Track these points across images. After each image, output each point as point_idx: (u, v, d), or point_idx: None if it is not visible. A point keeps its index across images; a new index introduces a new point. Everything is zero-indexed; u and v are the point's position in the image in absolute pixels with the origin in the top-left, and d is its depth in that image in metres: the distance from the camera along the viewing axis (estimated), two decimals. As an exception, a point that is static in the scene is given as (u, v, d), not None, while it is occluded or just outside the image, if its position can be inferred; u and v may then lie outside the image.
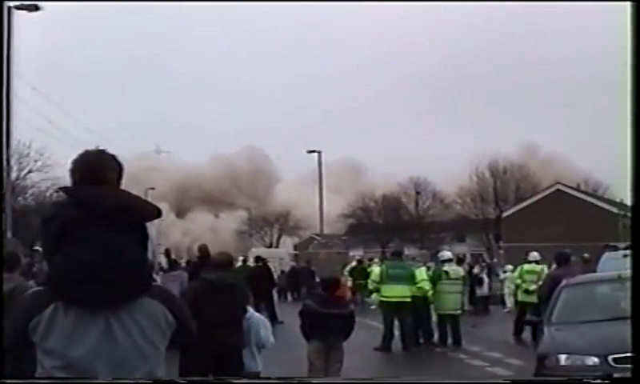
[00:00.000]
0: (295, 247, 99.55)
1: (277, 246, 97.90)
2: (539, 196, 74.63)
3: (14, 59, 42.24)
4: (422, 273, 23.71)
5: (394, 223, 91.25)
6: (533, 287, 25.36)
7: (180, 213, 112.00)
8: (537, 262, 27.57)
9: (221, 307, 10.64)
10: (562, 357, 12.27)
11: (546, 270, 26.08)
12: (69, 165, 4.53)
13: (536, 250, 28.11)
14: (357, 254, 77.65)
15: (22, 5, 38.62)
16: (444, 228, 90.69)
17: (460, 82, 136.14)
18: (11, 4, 39.41)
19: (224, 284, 10.85)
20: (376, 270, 25.26)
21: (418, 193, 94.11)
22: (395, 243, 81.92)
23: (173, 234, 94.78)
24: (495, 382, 12.36)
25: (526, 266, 27.46)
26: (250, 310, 11.70)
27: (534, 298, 23.73)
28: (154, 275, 23.05)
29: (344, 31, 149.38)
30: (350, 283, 42.60)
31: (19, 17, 40.92)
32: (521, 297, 26.64)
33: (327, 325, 13.43)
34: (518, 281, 27.34)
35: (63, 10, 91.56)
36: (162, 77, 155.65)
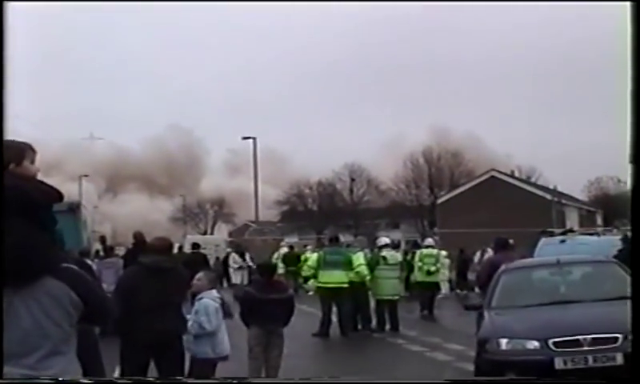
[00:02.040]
0: (230, 234, 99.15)
1: (212, 233, 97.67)
2: (474, 182, 75.19)
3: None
4: (359, 258, 23.63)
5: (328, 210, 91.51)
6: (432, 268, 29.48)
7: (115, 200, 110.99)
8: (432, 247, 31.02)
9: (157, 292, 10.44)
10: (503, 341, 12.28)
11: (442, 254, 32.11)
12: None
13: (470, 236, 29.61)
14: (292, 240, 77.70)
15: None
16: (379, 215, 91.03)
17: (397, 68, 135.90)
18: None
19: (160, 268, 10.64)
20: (313, 256, 25.17)
21: (352, 180, 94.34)
22: (330, 230, 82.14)
23: (109, 221, 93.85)
24: (498, 379, 12.31)
25: (425, 251, 30.62)
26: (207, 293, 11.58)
27: (434, 278, 29.72)
28: (89, 261, 22.87)
29: (272, 19, 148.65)
30: (281, 270, 42.66)
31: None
32: (421, 277, 29.68)
33: (266, 310, 13.34)
34: (419, 264, 29.98)
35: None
36: (91, 66, 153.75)
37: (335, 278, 22.89)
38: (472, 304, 15.66)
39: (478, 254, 38.56)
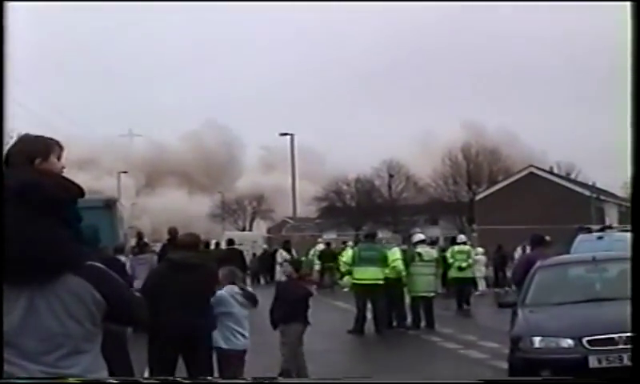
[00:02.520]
0: (268, 230, 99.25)
1: (250, 229, 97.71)
2: (512, 179, 74.54)
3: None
4: (395, 253, 23.52)
5: (367, 206, 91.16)
6: (464, 264, 30.59)
7: (154, 195, 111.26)
8: (464, 243, 32.43)
9: (185, 288, 10.39)
10: (536, 339, 12.13)
11: (473, 251, 32.62)
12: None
13: (508, 233, 29.57)
14: (330, 237, 77.64)
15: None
16: (417, 211, 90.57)
17: (435, 67, 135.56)
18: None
19: (188, 264, 10.60)
20: (348, 252, 25.01)
21: (391, 176, 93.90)
22: (368, 226, 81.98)
23: (148, 217, 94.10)
24: (500, 379, 12.17)
25: (456, 248, 31.88)
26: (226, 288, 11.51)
27: (466, 274, 30.75)
28: (123, 258, 22.90)
29: (308, 16, 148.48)
30: (317, 267, 42.62)
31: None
32: (454, 274, 30.93)
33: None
34: (451, 260, 31.04)
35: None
36: (129, 64, 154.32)
37: (370, 274, 22.72)
38: (506, 301, 15.43)
39: (519, 250, 38.15)
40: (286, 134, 76.73)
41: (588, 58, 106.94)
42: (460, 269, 30.61)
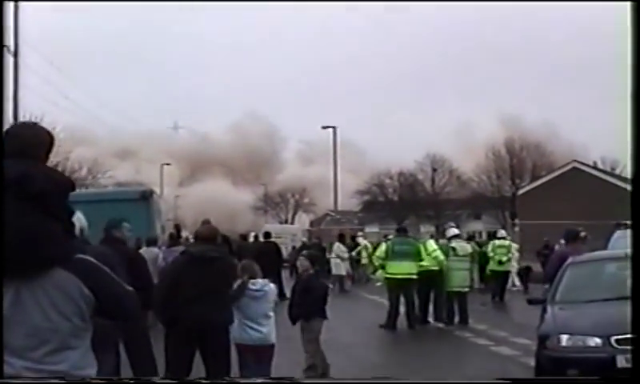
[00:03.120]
0: (311, 223, 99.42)
1: (292, 223, 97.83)
2: (555, 174, 73.77)
3: (25, 35, 42.24)
4: (432, 244, 23.44)
5: (409, 200, 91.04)
6: (504, 258, 31.97)
7: (198, 188, 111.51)
8: (504, 238, 33.61)
9: (203, 281, 10.25)
10: (564, 337, 11.84)
11: (513, 245, 34.06)
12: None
13: (551, 228, 29.67)
14: (372, 230, 77.47)
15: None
16: (460, 205, 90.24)
17: (479, 61, 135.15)
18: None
19: (206, 257, 10.44)
20: (381, 246, 24.77)
21: (434, 170, 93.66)
22: (410, 220, 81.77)
23: (191, 209, 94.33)
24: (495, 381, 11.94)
25: (497, 242, 33.06)
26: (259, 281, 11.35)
27: (505, 267, 32.18)
28: (156, 249, 22.86)
29: (354, 14, 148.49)
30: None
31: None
32: (494, 267, 32.10)
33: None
34: (491, 254, 32.46)
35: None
36: (172, 57, 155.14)
37: (404, 268, 22.49)
38: (535, 298, 15.14)
39: (557, 246, 37.80)
40: (328, 127, 76.71)
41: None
42: (500, 263, 31.93)
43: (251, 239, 40.12)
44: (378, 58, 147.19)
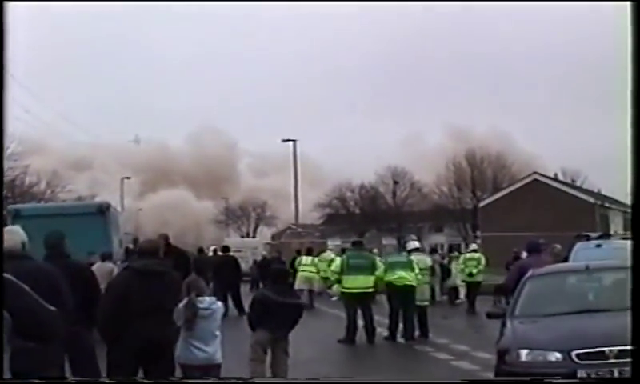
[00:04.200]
0: (273, 237, 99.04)
1: (254, 236, 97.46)
2: (516, 185, 74.15)
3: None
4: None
5: (371, 213, 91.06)
6: (474, 270, 33.25)
7: (158, 202, 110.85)
8: (475, 251, 35.22)
9: (147, 296, 9.86)
10: (523, 352, 11.49)
11: (483, 258, 34.32)
12: None
13: (512, 240, 29.85)
14: (334, 243, 77.28)
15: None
16: (422, 218, 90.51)
17: (436, 71, 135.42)
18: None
19: (151, 272, 10.07)
20: (337, 260, 24.46)
21: (395, 182, 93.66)
22: (372, 233, 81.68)
23: (151, 223, 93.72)
24: (502, 379, 11.68)
25: (468, 255, 35.08)
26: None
27: (476, 278, 33.10)
28: (111, 264, 22.42)
29: (313, 27, 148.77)
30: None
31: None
32: (465, 278, 33.75)
33: (278, 314, 12.93)
34: (462, 266, 34.17)
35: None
36: (127, 69, 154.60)
37: (360, 282, 22.20)
38: (494, 312, 14.79)
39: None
40: (288, 140, 76.46)
41: (595, 62, 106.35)
42: (470, 274, 33.30)
43: (210, 253, 39.74)
44: (338, 71, 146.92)
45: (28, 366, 4.43)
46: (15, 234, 8.61)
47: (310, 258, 35.85)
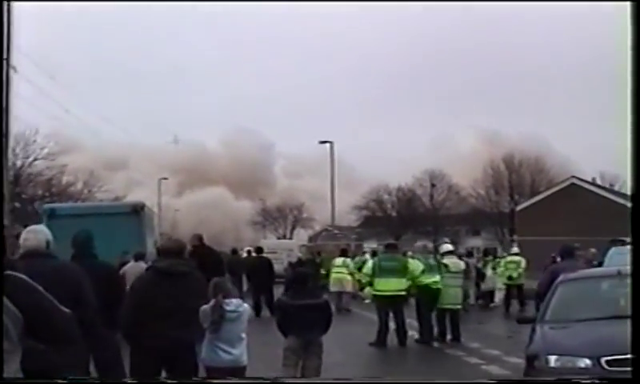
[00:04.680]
0: (310, 239, 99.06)
1: (290, 238, 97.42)
2: (554, 189, 73.60)
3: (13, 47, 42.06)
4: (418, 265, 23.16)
5: (408, 215, 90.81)
6: (515, 274, 33.88)
7: (196, 202, 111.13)
8: (516, 254, 35.84)
9: (170, 296, 9.84)
10: (552, 358, 11.34)
11: (523, 261, 34.76)
12: None
13: (549, 244, 30.09)
14: (370, 246, 77.11)
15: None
16: (459, 221, 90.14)
17: (474, 76, 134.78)
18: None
19: (174, 272, 10.03)
20: (369, 263, 24.39)
21: (433, 185, 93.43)
22: (408, 236, 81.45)
23: (189, 223, 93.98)
24: (498, 380, 11.58)
25: (508, 258, 35.86)
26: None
27: (517, 281, 33.69)
28: (143, 264, 22.41)
29: (347, 27, 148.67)
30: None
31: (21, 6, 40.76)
32: (505, 281, 34.12)
33: (302, 318, 12.79)
34: (502, 269, 34.83)
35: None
36: (168, 71, 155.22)
37: (391, 285, 22.12)
38: (525, 317, 14.70)
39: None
40: (325, 142, 76.41)
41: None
42: (510, 277, 33.91)
43: (244, 254, 39.76)
44: (378, 72, 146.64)
45: (40, 367, 4.39)
46: (40, 232, 8.67)
47: (341, 259, 35.44)
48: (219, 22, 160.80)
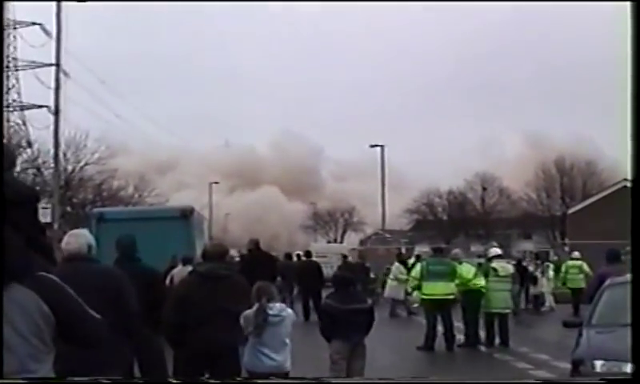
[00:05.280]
0: (361, 242, 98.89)
1: (341, 242, 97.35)
2: (605, 192, 72.82)
3: (63, 50, 42.64)
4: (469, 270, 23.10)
5: (459, 219, 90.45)
6: (577, 277, 34.59)
7: (247, 206, 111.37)
8: (577, 259, 36.21)
9: (212, 300, 9.88)
10: (598, 363, 11.23)
11: (585, 264, 35.12)
12: None
13: (600, 248, 30.11)
14: (422, 249, 76.76)
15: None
16: (510, 224, 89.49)
17: (530, 81, 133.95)
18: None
19: (215, 276, 10.08)
20: (417, 267, 24.33)
21: (484, 189, 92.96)
22: (460, 239, 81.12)
23: (241, 227, 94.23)
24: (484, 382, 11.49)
25: (570, 262, 36.52)
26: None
27: (578, 284, 33.84)
28: (191, 268, 22.51)
29: (396, 30, 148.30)
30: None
31: (70, 7, 41.36)
32: (569, 284, 35.10)
33: (349, 322, 12.84)
34: (563, 274, 35.76)
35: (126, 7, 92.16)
36: (218, 73, 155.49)
37: (439, 289, 22.05)
38: (571, 321, 14.51)
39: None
40: (376, 146, 76.41)
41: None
42: (573, 281, 34.76)
43: (294, 258, 39.80)
44: (429, 77, 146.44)
45: (68, 369, 4.43)
46: (81, 236, 8.73)
47: (395, 265, 35.18)
48: (270, 25, 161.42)
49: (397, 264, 34.94)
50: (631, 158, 3.08)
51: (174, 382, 8.81)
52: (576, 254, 38.12)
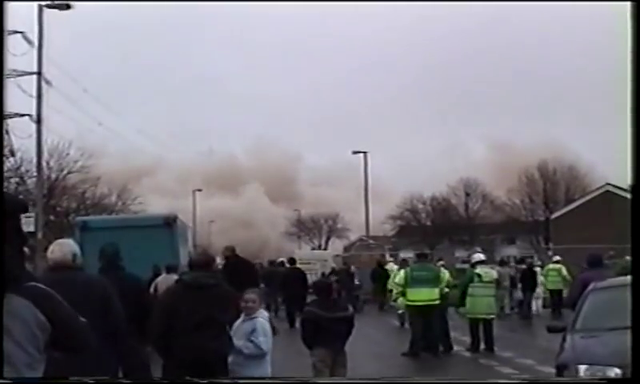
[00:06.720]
0: (345, 249, 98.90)
1: (325, 248, 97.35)
2: (588, 197, 73.09)
3: (45, 58, 42.61)
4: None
5: (443, 225, 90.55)
6: (555, 280, 36.32)
7: (231, 214, 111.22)
8: (557, 262, 37.95)
9: (199, 310, 9.88)
10: (582, 368, 11.23)
11: (564, 268, 36.50)
12: None
13: (584, 252, 30.39)
14: (407, 255, 76.85)
15: (53, 4, 38.68)
16: (494, 230, 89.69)
17: (509, 83, 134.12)
18: (42, 3, 39.55)
19: (201, 285, 10.07)
20: (400, 273, 24.38)
21: (467, 194, 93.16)
22: (444, 245, 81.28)
23: (225, 235, 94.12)
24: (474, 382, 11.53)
25: (550, 266, 38.27)
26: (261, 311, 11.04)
27: (558, 286, 35.77)
28: (175, 276, 22.47)
29: (377, 38, 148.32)
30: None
31: (52, 15, 41.24)
32: (548, 286, 36.62)
33: (331, 329, 12.89)
34: (542, 278, 36.84)
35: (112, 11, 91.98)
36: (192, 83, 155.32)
37: (424, 295, 22.07)
38: (555, 326, 14.54)
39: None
40: (359, 152, 76.47)
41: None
42: (552, 282, 36.38)
43: (279, 265, 39.82)
44: (411, 83, 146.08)
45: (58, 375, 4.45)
46: (65, 245, 8.77)
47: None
48: (250, 33, 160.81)
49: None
50: (631, 162, 3.12)
51: (162, 381, 8.79)
52: (556, 258, 39.67)
